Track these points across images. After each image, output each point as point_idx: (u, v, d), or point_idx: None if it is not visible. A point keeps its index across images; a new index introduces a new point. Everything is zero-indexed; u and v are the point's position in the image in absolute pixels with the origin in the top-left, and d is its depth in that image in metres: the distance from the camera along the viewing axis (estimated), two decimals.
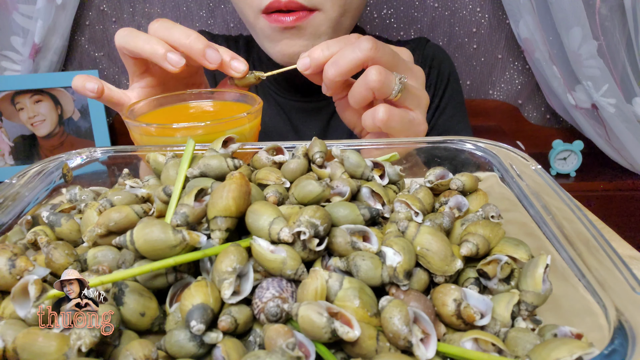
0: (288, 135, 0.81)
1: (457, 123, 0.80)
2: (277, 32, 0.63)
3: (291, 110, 0.82)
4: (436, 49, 0.85)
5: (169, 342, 0.24)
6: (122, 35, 0.49)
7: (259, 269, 0.26)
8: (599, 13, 1.17)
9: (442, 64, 0.82)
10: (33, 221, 0.34)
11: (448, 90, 0.81)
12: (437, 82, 0.81)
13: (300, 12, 0.61)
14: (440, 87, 0.81)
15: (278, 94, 0.82)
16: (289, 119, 0.82)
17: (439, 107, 0.80)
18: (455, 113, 0.80)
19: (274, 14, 0.62)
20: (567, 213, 0.30)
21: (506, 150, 0.39)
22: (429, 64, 0.82)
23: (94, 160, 0.42)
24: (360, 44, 0.45)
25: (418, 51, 0.83)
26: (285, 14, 0.61)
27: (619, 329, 0.21)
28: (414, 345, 0.22)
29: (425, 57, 0.83)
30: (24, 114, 1.32)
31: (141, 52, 0.48)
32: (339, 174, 0.36)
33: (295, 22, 0.61)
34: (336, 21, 0.65)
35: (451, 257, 0.27)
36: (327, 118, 0.81)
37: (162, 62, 0.47)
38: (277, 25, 0.62)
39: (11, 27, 1.25)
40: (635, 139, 1.22)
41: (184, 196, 0.30)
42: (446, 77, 0.81)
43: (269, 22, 0.62)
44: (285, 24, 0.61)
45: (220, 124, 0.45)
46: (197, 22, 1.34)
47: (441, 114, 0.80)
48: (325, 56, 0.47)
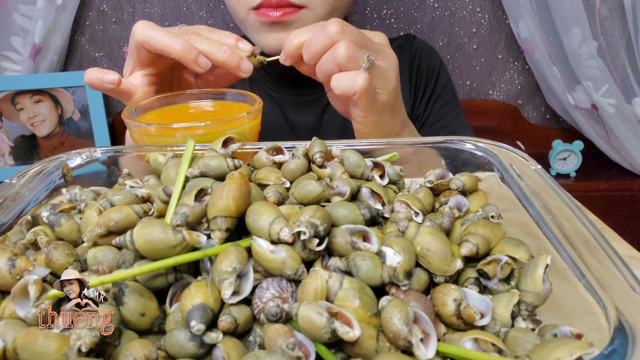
0: (283, 128, 0.82)
1: (452, 108, 0.82)
2: (266, 26, 0.66)
3: (285, 104, 0.83)
4: (424, 44, 0.88)
5: (169, 342, 0.24)
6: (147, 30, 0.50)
7: (259, 269, 0.26)
8: (598, 13, 1.17)
9: (430, 57, 0.85)
10: (33, 221, 0.34)
11: (440, 79, 0.83)
12: (428, 72, 0.84)
13: (288, 8, 0.64)
14: (432, 77, 0.83)
15: (272, 88, 0.83)
16: (283, 113, 0.83)
17: (432, 95, 0.83)
18: (449, 100, 0.83)
19: (263, 8, 0.65)
20: (567, 213, 0.30)
21: (506, 150, 0.39)
22: (419, 57, 0.85)
23: (94, 160, 0.42)
24: (328, 27, 0.46)
25: (406, 47, 0.86)
26: (273, 9, 0.64)
27: (619, 329, 0.21)
28: (414, 345, 0.22)
29: (414, 52, 0.85)
30: (24, 114, 1.32)
31: (171, 52, 0.49)
32: (339, 174, 0.36)
33: (282, 17, 0.64)
34: (323, 18, 0.67)
35: (451, 257, 0.27)
36: (321, 110, 0.83)
37: (192, 65, 0.50)
38: (264, 19, 0.65)
39: (11, 27, 1.26)
40: (635, 139, 1.22)
41: (184, 196, 0.30)
42: (437, 68, 0.84)
43: (258, 17, 0.65)
44: (272, 18, 0.64)
45: (220, 124, 0.45)
46: (197, 22, 1.34)
47: (435, 101, 0.82)
48: (296, 44, 0.49)
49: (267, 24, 0.65)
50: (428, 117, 0.82)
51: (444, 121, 0.81)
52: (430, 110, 0.82)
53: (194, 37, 0.51)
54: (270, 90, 0.83)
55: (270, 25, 0.65)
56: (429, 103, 0.82)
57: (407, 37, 0.89)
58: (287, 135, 0.82)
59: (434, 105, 0.82)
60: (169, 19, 1.34)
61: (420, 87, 0.83)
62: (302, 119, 0.83)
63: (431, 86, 0.83)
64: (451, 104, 0.82)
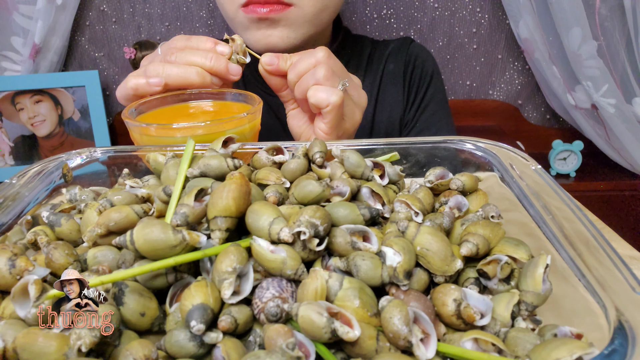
0: (277, 132, 0.83)
1: (439, 120, 0.82)
2: (254, 23, 0.67)
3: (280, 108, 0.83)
4: (420, 48, 0.88)
5: (169, 342, 0.24)
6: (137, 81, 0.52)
7: (259, 269, 0.26)
8: (598, 13, 1.17)
9: (425, 63, 0.85)
10: (33, 221, 0.34)
11: (430, 89, 0.84)
12: (420, 81, 0.84)
13: (275, 5, 0.65)
14: (423, 86, 0.84)
15: (265, 91, 0.82)
16: (276, 116, 0.83)
17: (421, 105, 0.83)
18: (437, 110, 0.83)
19: (251, 5, 0.66)
20: (567, 213, 0.30)
21: (506, 150, 0.39)
22: (413, 63, 0.85)
23: (94, 160, 0.42)
24: (316, 52, 0.51)
25: (402, 50, 0.86)
26: (261, 5, 0.65)
27: (619, 329, 0.21)
28: (414, 345, 0.22)
29: (409, 56, 0.86)
30: (24, 114, 1.32)
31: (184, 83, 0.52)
32: (339, 174, 0.36)
33: (269, 13, 0.65)
34: (313, 16, 0.68)
35: (451, 257, 0.27)
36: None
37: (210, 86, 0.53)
38: (252, 15, 0.66)
39: (11, 27, 1.25)
40: (635, 139, 1.22)
41: (184, 196, 0.30)
42: (429, 76, 0.84)
43: (246, 14, 0.66)
44: (259, 14, 0.65)
45: (220, 124, 0.45)
46: (197, 23, 1.34)
47: (423, 111, 0.83)
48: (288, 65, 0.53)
49: (255, 20, 0.66)
50: (415, 125, 0.83)
51: (429, 131, 0.81)
52: (418, 118, 0.83)
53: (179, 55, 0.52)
54: (264, 94, 0.83)
55: (258, 21, 0.66)
56: (418, 111, 0.83)
57: (405, 40, 0.89)
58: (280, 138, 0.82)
59: (422, 114, 0.83)
60: (169, 19, 1.34)
61: (412, 93, 0.84)
62: None
63: (421, 94, 0.83)
64: (438, 115, 0.82)
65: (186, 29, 1.35)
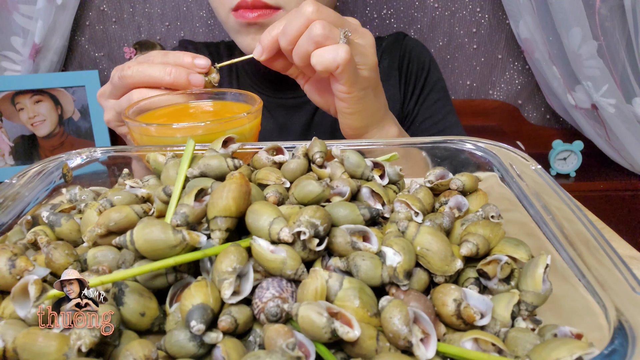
0: (273, 132, 0.83)
1: (442, 106, 0.82)
2: (244, 27, 0.67)
3: (275, 108, 0.83)
4: (414, 42, 0.88)
5: (169, 342, 0.24)
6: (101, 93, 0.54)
7: (259, 269, 0.26)
8: (598, 13, 1.17)
9: (420, 55, 0.85)
10: (33, 221, 0.34)
11: (429, 78, 0.83)
12: (418, 71, 0.84)
13: (264, 10, 0.65)
14: (422, 76, 0.83)
15: (261, 92, 0.83)
16: (272, 117, 0.83)
17: (421, 95, 0.83)
18: (440, 97, 0.82)
19: (241, 9, 0.66)
20: (567, 213, 0.30)
21: (506, 150, 0.39)
22: (408, 57, 0.85)
23: (94, 160, 0.42)
24: (303, 9, 0.47)
25: (397, 45, 0.86)
26: (250, 10, 0.65)
27: (619, 329, 0.21)
28: (414, 345, 0.22)
29: (404, 50, 0.85)
30: (24, 114, 1.32)
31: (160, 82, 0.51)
32: (339, 174, 0.36)
33: (257, 18, 0.65)
34: None
35: (451, 257, 0.27)
36: (311, 113, 0.83)
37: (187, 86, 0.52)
38: (242, 20, 0.66)
39: (11, 27, 1.25)
40: (635, 139, 1.22)
41: (184, 196, 0.30)
42: (426, 67, 0.84)
43: (236, 18, 0.66)
44: (248, 19, 0.65)
45: (220, 124, 0.45)
46: (197, 23, 1.34)
47: (425, 100, 0.82)
48: (274, 35, 0.49)
49: (244, 25, 0.66)
50: (417, 116, 0.82)
51: (432, 119, 0.80)
52: (419, 108, 0.82)
53: (142, 67, 0.51)
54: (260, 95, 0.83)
55: (247, 26, 0.66)
56: (418, 101, 0.82)
57: (398, 35, 0.89)
58: (275, 138, 0.82)
59: (423, 103, 0.82)
60: (169, 19, 1.34)
61: (410, 85, 0.83)
62: (292, 121, 0.83)
63: (420, 85, 0.83)
64: (441, 102, 0.82)
65: (186, 29, 1.35)
